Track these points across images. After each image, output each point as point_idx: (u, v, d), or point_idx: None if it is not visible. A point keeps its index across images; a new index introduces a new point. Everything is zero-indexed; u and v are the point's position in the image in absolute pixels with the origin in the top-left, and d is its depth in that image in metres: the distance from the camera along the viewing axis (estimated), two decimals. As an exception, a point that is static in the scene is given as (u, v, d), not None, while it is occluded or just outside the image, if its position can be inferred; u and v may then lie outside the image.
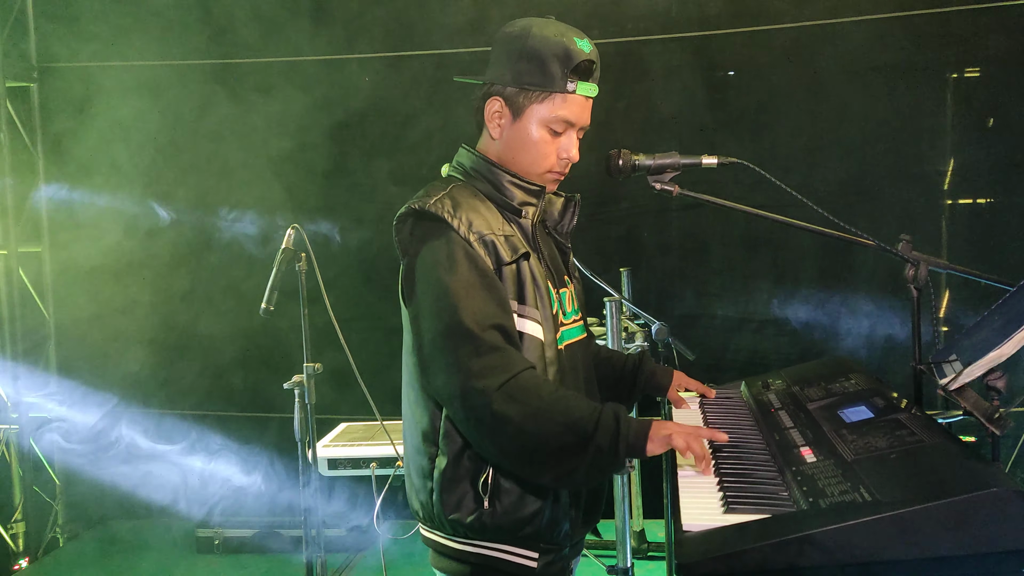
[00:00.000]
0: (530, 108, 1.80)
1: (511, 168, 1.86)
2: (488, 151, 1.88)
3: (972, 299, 4.28)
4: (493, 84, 1.82)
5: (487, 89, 1.84)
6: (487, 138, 1.88)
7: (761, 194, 3.77)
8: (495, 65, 1.83)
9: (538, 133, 1.82)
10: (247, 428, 4.98)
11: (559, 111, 1.80)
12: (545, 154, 1.84)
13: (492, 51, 1.85)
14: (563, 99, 1.80)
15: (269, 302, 2.74)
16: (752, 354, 4.74)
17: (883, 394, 1.88)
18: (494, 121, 1.84)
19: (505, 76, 1.80)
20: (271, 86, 4.87)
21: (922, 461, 1.49)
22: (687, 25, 4.63)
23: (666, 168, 1.98)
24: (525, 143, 1.83)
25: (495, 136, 1.85)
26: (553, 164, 1.86)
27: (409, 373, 1.86)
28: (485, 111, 1.84)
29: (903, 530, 1.31)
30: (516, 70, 1.79)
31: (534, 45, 1.77)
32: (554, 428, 1.63)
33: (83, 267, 4.94)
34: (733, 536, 1.41)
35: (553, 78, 1.78)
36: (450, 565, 1.86)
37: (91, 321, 4.91)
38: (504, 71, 1.81)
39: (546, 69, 1.77)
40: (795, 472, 1.61)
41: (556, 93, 1.79)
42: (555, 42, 1.78)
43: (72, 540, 5.10)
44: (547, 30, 1.79)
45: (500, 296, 1.74)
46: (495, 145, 1.87)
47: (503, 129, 1.84)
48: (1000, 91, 4.42)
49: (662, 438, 1.62)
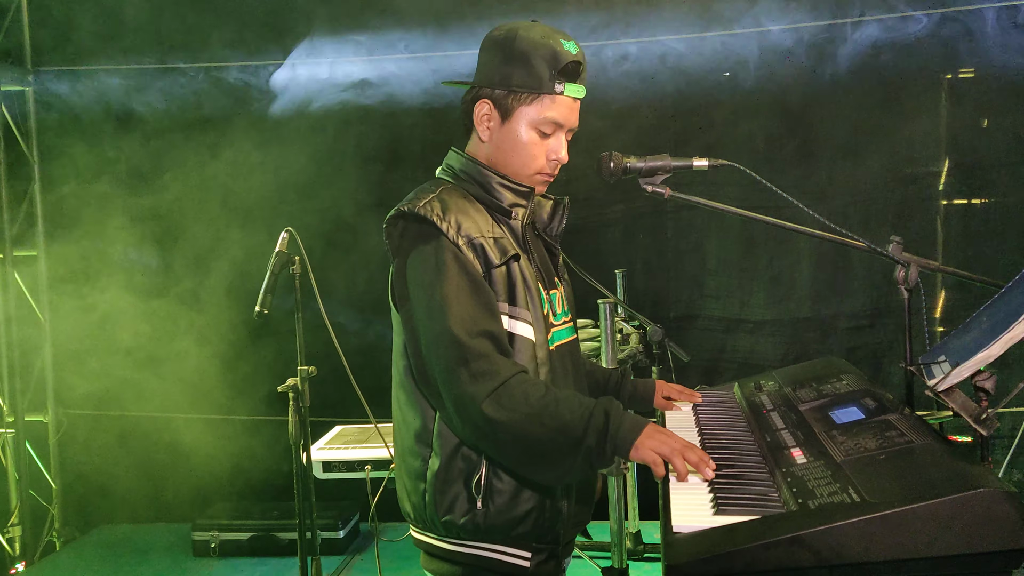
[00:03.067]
0: (519, 110, 1.81)
1: (501, 170, 1.87)
2: (477, 153, 1.89)
3: (969, 300, 4.29)
4: (481, 87, 1.83)
5: (475, 92, 1.85)
6: (476, 141, 1.89)
7: (755, 195, 3.79)
8: (482, 69, 1.85)
9: (527, 135, 1.83)
10: (242, 431, 4.98)
11: (547, 112, 1.81)
12: (534, 155, 1.85)
13: (479, 55, 1.87)
14: (551, 100, 1.81)
15: (263, 305, 2.74)
16: (747, 355, 4.75)
17: (874, 395, 1.89)
18: (483, 124, 1.85)
19: (493, 79, 1.82)
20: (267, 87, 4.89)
21: (911, 462, 1.50)
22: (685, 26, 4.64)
23: (657, 170, 1.98)
24: (515, 145, 1.84)
25: (484, 139, 1.86)
26: (543, 166, 1.87)
27: (399, 375, 1.87)
28: (474, 114, 1.85)
29: (891, 531, 1.31)
30: (503, 73, 1.80)
31: (521, 47, 1.78)
32: (545, 432, 1.64)
33: (79, 271, 4.94)
34: (722, 537, 1.42)
35: (541, 80, 1.79)
36: (442, 567, 1.87)
37: (86, 324, 4.91)
38: (492, 74, 1.82)
39: (533, 71, 1.78)
40: (785, 473, 1.61)
41: (544, 95, 1.80)
42: (542, 44, 1.79)
43: (69, 544, 5.09)
44: (533, 32, 1.80)
45: (488, 301, 1.74)
46: (484, 148, 1.88)
47: (492, 132, 1.85)
48: (994, 92, 4.43)
49: (648, 449, 1.62)
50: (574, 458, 1.64)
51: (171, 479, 5.05)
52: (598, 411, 1.65)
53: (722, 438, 1.93)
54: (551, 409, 1.65)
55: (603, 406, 1.66)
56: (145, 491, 5.04)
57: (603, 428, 1.63)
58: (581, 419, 1.64)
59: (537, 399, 1.66)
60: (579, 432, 1.63)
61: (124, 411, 5.10)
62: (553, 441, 1.64)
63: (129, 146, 4.99)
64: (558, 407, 1.65)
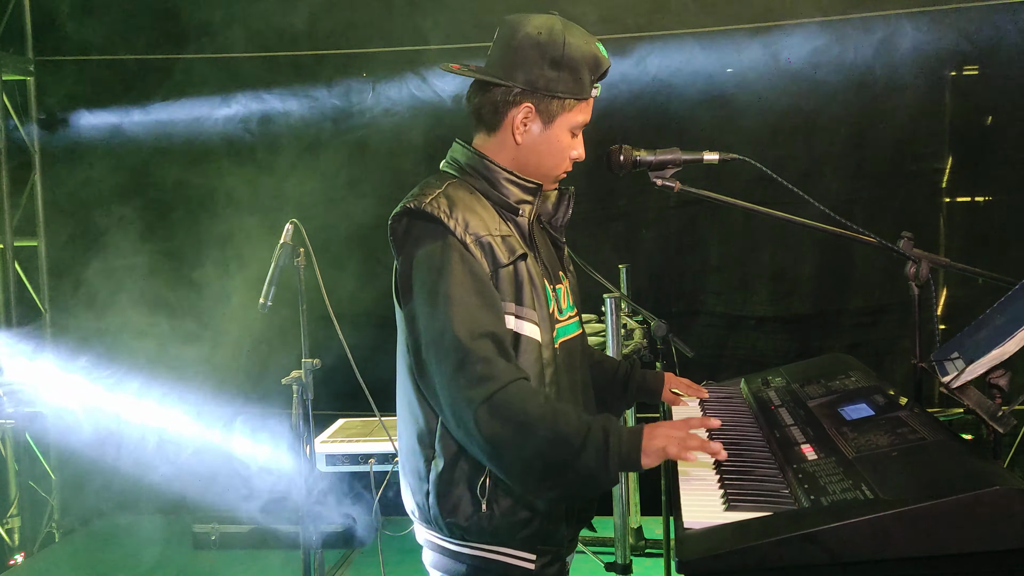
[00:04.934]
0: (561, 116, 1.79)
1: (527, 171, 1.84)
2: (495, 152, 1.84)
3: (969, 297, 4.28)
4: (520, 90, 1.78)
5: (516, 94, 1.78)
6: (499, 140, 1.83)
7: (761, 191, 3.78)
8: (518, 68, 1.77)
9: (564, 139, 1.82)
10: (246, 422, 4.96)
11: (582, 116, 1.82)
12: (565, 158, 1.85)
13: (510, 50, 1.78)
14: (586, 104, 1.82)
15: (267, 297, 2.73)
16: (749, 351, 4.75)
17: (883, 392, 1.88)
18: (520, 127, 1.80)
19: (537, 83, 1.76)
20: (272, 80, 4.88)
21: (924, 459, 1.49)
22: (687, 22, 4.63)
23: (667, 164, 1.96)
24: (552, 149, 1.82)
25: (520, 141, 1.81)
26: (568, 165, 1.88)
27: (403, 372, 1.84)
28: (510, 115, 1.79)
29: (906, 528, 1.30)
30: (549, 77, 1.76)
31: (570, 54, 1.75)
32: (540, 444, 1.60)
33: (79, 261, 4.92)
34: (734, 533, 1.41)
35: (584, 87, 1.78)
36: (446, 564, 1.85)
37: (87, 315, 4.89)
38: (536, 78, 1.76)
39: (579, 79, 1.77)
40: (796, 470, 1.61)
41: (582, 100, 1.80)
42: (587, 51, 1.77)
43: (68, 535, 5.09)
44: (578, 38, 1.77)
45: (493, 301, 1.71)
46: (510, 149, 1.83)
47: (529, 135, 1.80)
48: (999, 89, 4.42)
49: (656, 451, 1.59)
50: (568, 474, 1.60)
51: (171, 471, 5.03)
52: (596, 428, 1.60)
53: (731, 434, 1.93)
54: (549, 419, 1.61)
55: (602, 422, 1.62)
56: (145, 483, 5.03)
57: (603, 445, 1.58)
58: (579, 434, 1.59)
59: (536, 407, 1.62)
60: (576, 446, 1.58)
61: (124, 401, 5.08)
62: (547, 453, 1.60)
63: (130, 138, 4.98)
64: (556, 419, 1.61)
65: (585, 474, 1.60)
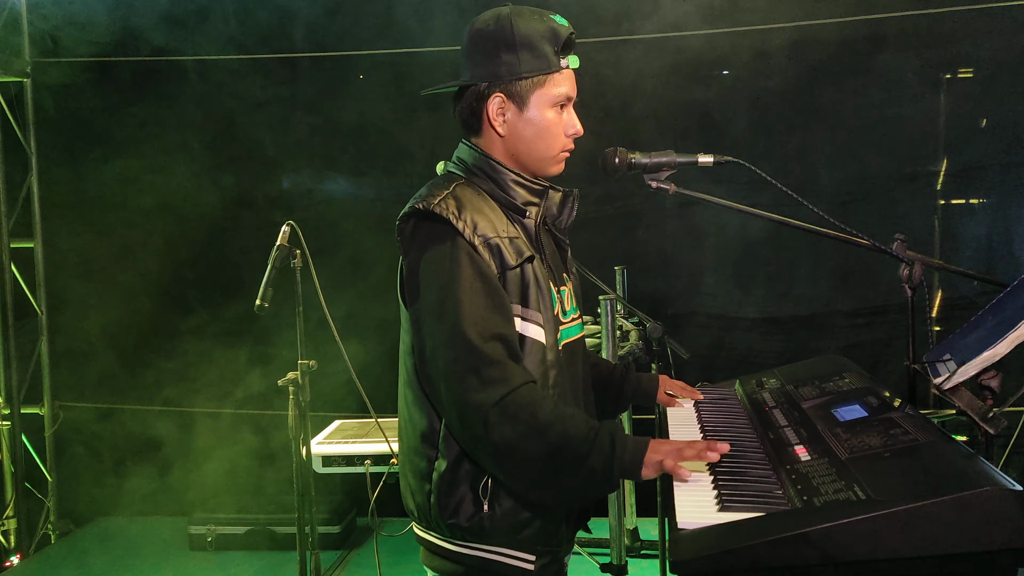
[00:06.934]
0: (534, 95, 1.80)
1: (524, 159, 1.85)
2: (492, 150, 1.86)
3: (964, 299, 4.30)
4: (487, 84, 1.80)
5: (480, 90, 1.81)
6: (490, 138, 1.85)
7: (757, 193, 3.80)
8: (478, 64, 1.81)
9: (548, 115, 1.82)
10: (241, 425, 4.97)
11: (559, 88, 1.81)
12: (556, 134, 1.84)
13: (468, 52, 1.83)
14: (560, 76, 1.81)
15: (264, 299, 2.74)
16: (744, 353, 4.76)
17: (876, 393, 1.89)
18: (499, 118, 1.82)
19: (496, 71, 1.79)
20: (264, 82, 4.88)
21: (916, 460, 1.50)
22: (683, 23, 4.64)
23: (662, 166, 1.97)
24: (538, 129, 1.82)
25: (503, 133, 1.83)
26: (565, 142, 1.87)
27: (408, 373, 1.84)
28: (487, 111, 1.82)
29: (898, 528, 1.31)
30: (508, 62, 1.78)
31: (522, 32, 1.77)
32: (548, 447, 1.61)
33: (76, 263, 4.92)
34: (727, 534, 1.41)
35: (548, 60, 1.79)
36: (444, 565, 1.85)
37: (83, 317, 4.89)
38: (492, 67, 1.79)
39: (540, 53, 1.78)
40: (789, 471, 1.61)
41: (553, 73, 1.80)
42: (540, 24, 1.78)
43: (64, 537, 5.08)
44: (526, 16, 1.79)
45: (503, 303, 1.71)
46: (501, 142, 1.84)
47: (510, 123, 1.82)
48: (993, 92, 4.44)
49: (655, 464, 1.61)
50: (573, 478, 1.62)
51: (167, 472, 5.04)
52: (604, 433, 1.62)
53: (725, 435, 1.93)
54: (558, 424, 1.62)
55: (609, 428, 1.63)
56: (141, 484, 5.03)
57: (609, 450, 1.60)
58: (587, 439, 1.61)
59: (545, 412, 1.63)
60: (584, 450, 1.60)
61: (120, 404, 5.09)
62: (555, 457, 1.61)
63: (127, 140, 4.98)
64: (565, 423, 1.63)
65: (589, 479, 1.61)
